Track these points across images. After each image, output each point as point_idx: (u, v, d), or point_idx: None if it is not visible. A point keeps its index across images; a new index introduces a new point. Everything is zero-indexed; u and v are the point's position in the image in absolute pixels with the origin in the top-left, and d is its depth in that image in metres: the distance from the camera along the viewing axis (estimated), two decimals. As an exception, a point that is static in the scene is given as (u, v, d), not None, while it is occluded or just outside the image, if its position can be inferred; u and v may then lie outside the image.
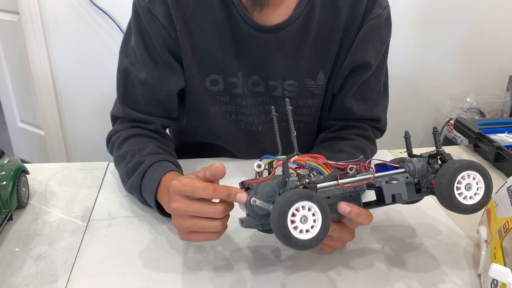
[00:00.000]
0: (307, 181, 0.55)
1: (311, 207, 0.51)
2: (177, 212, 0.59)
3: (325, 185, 0.57)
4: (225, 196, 0.57)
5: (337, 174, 0.58)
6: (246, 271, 0.63)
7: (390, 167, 0.61)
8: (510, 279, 0.51)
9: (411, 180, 0.60)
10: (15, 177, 0.72)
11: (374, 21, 0.81)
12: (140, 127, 0.85)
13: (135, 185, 0.74)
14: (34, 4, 1.89)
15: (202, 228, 0.59)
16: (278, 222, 0.50)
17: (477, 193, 0.58)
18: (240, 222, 0.58)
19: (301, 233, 0.51)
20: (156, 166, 0.74)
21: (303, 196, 0.51)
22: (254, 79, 0.86)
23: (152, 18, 0.79)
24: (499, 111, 2.15)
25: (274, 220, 0.50)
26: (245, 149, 0.94)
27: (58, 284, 0.60)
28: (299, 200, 0.50)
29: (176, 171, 0.74)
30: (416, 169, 0.60)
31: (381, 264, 0.66)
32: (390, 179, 0.59)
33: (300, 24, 0.80)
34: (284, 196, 0.51)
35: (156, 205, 0.72)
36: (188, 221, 0.59)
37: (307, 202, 0.51)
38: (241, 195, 0.56)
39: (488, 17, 2.10)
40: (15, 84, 2.31)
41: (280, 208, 0.50)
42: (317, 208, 0.51)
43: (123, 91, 0.84)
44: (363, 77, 0.85)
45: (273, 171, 0.56)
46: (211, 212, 0.58)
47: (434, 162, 0.61)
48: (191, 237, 0.60)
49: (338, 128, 0.91)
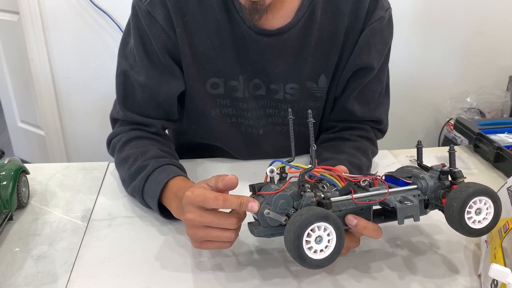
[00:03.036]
0: (322, 196, 0.55)
1: (326, 227, 0.51)
2: (191, 223, 0.59)
3: (339, 199, 0.56)
4: (237, 206, 0.57)
5: (351, 187, 0.57)
6: (249, 271, 0.63)
7: (402, 181, 0.61)
8: (510, 279, 0.51)
9: (422, 197, 0.60)
10: (15, 177, 0.72)
11: (376, 23, 0.81)
12: (141, 129, 0.84)
13: (137, 188, 0.74)
14: (34, 4, 1.89)
15: (215, 238, 0.59)
16: (294, 243, 0.50)
17: (485, 218, 0.58)
18: (249, 229, 0.58)
19: (315, 253, 0.51)
20: (160, 170, 0.74)
21: (320, 217, 0.50)
22: (255, 82, 0.86)
23: (152, 20, 0.78)
24: (499, 111, 2.15)
25: (290, 240, 0.50)
26: (245, 151, 0.94)
27: (58, 284, 0.60)
28: (316, 221, 0.50)
29: (182, 176, 0.74)
30: (428, 187, 0.60)
31: (381, 265, 0.65)
32: (404, 198, 0.58)
33: (302, 27, 0.80)
34: (300, 217, 0.50)
35: (160, 208, 0.72)
36: (202, 231, 0.59)
37: (323, 223, 0.51)
38: (252, 204, 0.56)
39: (488, 17, 2.10)
40: (15, 84, 2.31)
41: (296, 230, 0.50)
42: (333, 228, 0.51)
43: (122, 94, 0.84)
44: (366, 80, 0.85)
45: (287, 181, 0.56)
46: (225, 224, 0.58)
47: (445, 178, 0.61)
48: (204, 246, 0.61)
49: (340, 129, 0.91)
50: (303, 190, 0.54)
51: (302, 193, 0.54)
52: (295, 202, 0.55)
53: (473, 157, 0.99)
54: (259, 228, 0.56)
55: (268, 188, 0.57)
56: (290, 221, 0.52)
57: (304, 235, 0.50)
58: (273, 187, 0.56)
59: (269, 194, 0.55)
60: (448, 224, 0.59)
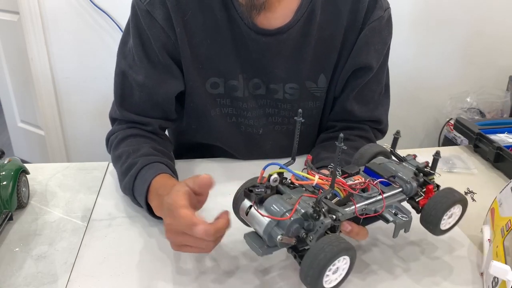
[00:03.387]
0: (334, 218, 0.54)
1: (345, 258, 0.51)
2: (169, 227, 0.58)
3: (347, 212, 0.56)
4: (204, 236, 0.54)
5: (351, 197, 0.57)
6: (247, 271, 0.63)
7: (385, 182, 0.62)
8: (510, 276, 0.51)
9: (405, 199, 0.62)
10: (15, 177, 0.72)
11: (375, 23, 0.81)
12: (137, 127, 0.85)
13: (128, 186, 0.75)
14: (34, 4, 1.89)
15: (193, 244, 0.58)
16: (315, 280, 0.49)
17: (454, 219, 0.63)
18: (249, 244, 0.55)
19: (330, 283, 0.51)
20: (148, 168, 0.74)
21: (343, 251, 0.49)
22: (255, 82, 0.86)
23: (151, 20, 0.78)
24: (499, 111, 2.15)
25: (311, 276, 0.49)
26: (245, 151, 0.94)
27: (58, 284, 0.61)
28: (339, 256, 0.49)
29: (166, 174, 0.73)
30: (412, 189, 0.62)
31: (382, 263, 0.66)
32: (398, 210, 0.59)
33: (301, 27, 0.80)
34: (322, 253, 0.48)
35: (148, 207, 0.72)
36: (180, 237, 0.58)
37: (343, 256, 0.50)
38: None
39: (488, 17, 2.10)
40: (15, 84, 2.31)
41: (321, 268, 0.48)
42: (349, 259, 0.51)
43: (120, 94, 0.84)
44: (365, 79, 0.85)
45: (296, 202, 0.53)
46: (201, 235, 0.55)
47: (419, 175, 0.63)
48: (183, 249, 0.60)
49: (339, 129, 0.91)
50: (319, 215, 0.52)
51: (317, 217, 0.52)
52: (306, 223, 0.53)
53: (473, 157, 0.99)
54: (264, 247, 0.54)
55: (273, 203, 0.54)
56: (311, 255, 0.49)
57: (326, 272, 0.49)
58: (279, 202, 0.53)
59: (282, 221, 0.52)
60: (420, 222, 0.62)
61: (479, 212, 0.75)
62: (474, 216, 0.76)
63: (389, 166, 0.65)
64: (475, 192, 0.84)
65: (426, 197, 0.62)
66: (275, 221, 0.52)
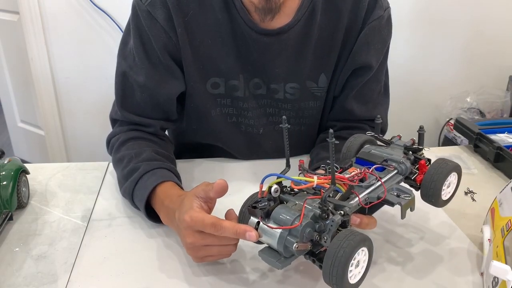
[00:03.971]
0: (342, 213, 0.53)
1: (363, 250, 0.50)
2: (192, 246, 0.60)
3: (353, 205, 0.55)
4: (232, 234, 0.56)
5: (353, 189, 0.57)
6: (246, 271, 0.63)
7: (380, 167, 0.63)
8: (510, 276, 0.51)
9: (402, 180, 0.63)
10: (15, 177, 0.72)
11: (375, 22, 0.81)
12: (139, 129, 0.85)
13: (127, 191, 0.75)
14: (34, 4, 1.89)
15: (216, 253, 0.61)
16: (340, 278, 0.48)
17: (452, 188, 0.65)
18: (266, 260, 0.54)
19: (354, 278, 0.50)
20: (150, 174, 0.74)
21: (361, 243, 0.49)
22: (255, 82, 0.86)
23: (152, 21, 0.78)
24: (499, 111, 2.15)
25: (336, 276, 0.48)
26: (246, 151, 0.94)
27: (58, 284, 0.61)
28: (358, 248, 0.49)
29: (171, 181, 0.73)
30: (407, 169, 0.63)
31: (382, 263, 0.66)
32: (399, 191, 0.60)
33: (302, 27, 0.80)
34: (344, 250, 0.48)
35: (147, 212, 0.72)
36: (203, 251, 0.60)
37: (361, 248, 0.50)
38: (250, 234, 0.54)
39: (488, 17, 2.10)
40: (15, 84, 2.31)
41: (344, 265, 0.48)
42: (367, 249, 0.51)
43: (121, 95, 0.84)
44: (364, 79, 0.85)
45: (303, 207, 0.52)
46: (224, 241, 0.59)
47: (409, 153, 0.65)
48: (205, 260, 0.62)
49: (339, 128, 0.91)
50: (327, 214, 0.52)
51: (326, 216, 0.52)
52: (317, 224, 0.53)
53: (473, 157, 0.99)
54: (281, 259, 0.53)
55: (279, 214, 0.53)
56: (331, 254, 0.49)
57: (349, 267, 0.48)
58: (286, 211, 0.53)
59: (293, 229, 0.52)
60: (422, 198, 0.63)
61: (479, 212, 0.75)
62: (474, 216, 0.76)
63: (379, 152, 0.66)
64: (475, 192, 0.84)
65: (420, 172, 0.64)
66: (287, 230, 0.52)
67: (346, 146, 0.70)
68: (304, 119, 0.91)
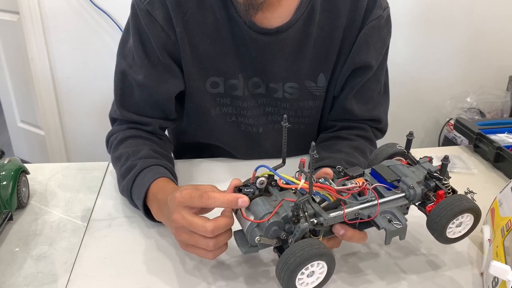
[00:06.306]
0: (315, 222, 0.54)
1: (319, 263, 0.51)
2: (175, 224, 0.59)
3: (331, 217, 0.55)
4: (224, 204, 0.56)
5: (341, 202, 0.57)
6: (244, 271, 0.63)
7: (390, 185, 0.60)
8: (510, 276, 0.51)
9: (408, 205, 0.60)
10: (15, 177, 0.72)
11: (375, 22, 0.81)
12: (137, 128, 0.85)
13: (125, 188, 0.75)
14: (34, 4, 1.89)
15: (194, 243, 0.59)
16: (287, 284, 0.50)
17: (465, 228, 0.60)
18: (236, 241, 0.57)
19: (306, 286, 0.52)
20: (147, 171, 0.74)
21: (314, 256, 0.50)
22: (254, 81, 0.86)
23: (151, 20, 0.78)
24: (499, 111, 2.15)
25: (282, 279, 0.50)
26: (245, 150, 0.94)
27: (58, 284, 0.61)
28: (311, 261, 0.50)
29: (166, 178, 0.73)
30: (416, 195, 0.59)
31: (381, 264, 0.66)
32: (393, 216, 0.57)
33: (301, 26, 0.80)
34: (294, 257, 0.49)
35: (145, 210, 0.72)
36: (185, 234, 0.59)
37: (317, 261, 0.50)
38: (242, 199, 0.55)
39: (488, 17, 2.10)
40: (15, 84, 2.31)
41: (290, 272, 0.49)
42: (325, 263, 0.51)
43: (120, 94, 0.84)
44: (364, 78, 0.85)
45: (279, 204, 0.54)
46: (199, 230, 0.57)
47: (431, 179, 0.61)
48: (188, 249, 0.61)
49: (339, 128, 0.91)
50: (297, 219, 0.53)
51: (296, 221, 0.53)
52: (287, 225, 0.54)
53: (473, 157, 0.99)
54: (247, 246, 0.56)
55: (257, 205, 0.55)
56: (284, 260, 0.50)
57: (297, 275, 0.50)
58: (263, 204, 0.54)
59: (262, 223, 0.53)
60: (427, 228, 0.60)
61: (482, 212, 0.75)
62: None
63: (397, 169, 0.62)
64: (475, 192, 0.84)
65: (436, 202, 0.60)
66: (255, 223, 0.54)
67: (375, 153, 0.69)
68: (303, 118, 0.91)
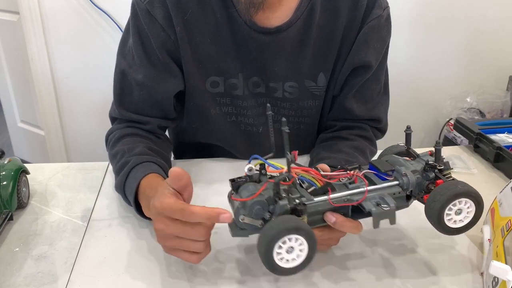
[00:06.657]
0: (297, 202, 0.54)
1: (297, 238, 0.51)
2: (160, 233, 0.58)
3: (315, 201, 0.56)
4: (204, 219, 0.55)
5: (329, 187, 0.57)
6: (242, 271, 0.63)
7: (382, 176, 0.60)
8: (510, 276, 0.51)
9: (403, 194, 0.59)
10: (15, 177, 0.72)
11: (374, 21, 0.81)
12: (136, 127, 0.85)
13: (119, 185, 0.74)
14: (34, 4, 1.89)
15: (185, 248, 0.58)
16: (265, 256, 0.50)
17: (466, 216, 0.58)
18: (229, 230, 0.58)
19: (287, 262, 0.52)
20: (139, 167, 0.73)
21: (290, 229, 0.50)
22: (254, 80, 0.86)
23: (151, 19, 0.78)
24: (499, 111, 2.15)
25: (260, 252, 0.51)
26: (246, 150, 0.94)
27: (58, 284, 0.61)
28: (286, 234, 0.50)
29: (156, 174, 0.73)
30: (410, 183, 0.59)
31: (381, 264, 0.66)
32: (381, 200, 0.57)
33: (301, 25, 0.80)
34: (271, 230, 0.50)
35: (138, 206, 0.72)
36: (171, 241, 0.58)
37: (294, 235, 0.50)
38: (224, 216, 0.55)
39: (488, 17, 2.10)
40: (15, 84, 2.31)
41: (267, 244, 0.50)
42: (304, 239, 0.51)
43: (119, 93, 0.84)
44: (364, 78, 0.85)
45: (264, 184, 0.55)
46: (193, 235, 0.57)
47: (430, 170, 0.60)
48: (173, 254, 0.60)
49: (339, 128, 0.91)
50: (277, 198, 0.54)
51: (277, 200, 0.54)
52: (271, 206, 0.54)
53: (473, 157, 0.99)
54: (236, 229, 0.57)
55: (245, 189, 0.56)
56: (262, 232, 0.51)
57: (274, 248, 0.50)
58: (251, 188, 0.55)
59: (246, 201, 0.54)
60: (427, 219, 0.59)
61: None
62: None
63: (394, 161, 0.63)
64: (475, 192, 0.84)
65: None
66: (241, 203, 0.55)
67: (382, 154, 0.69)
68: (303, 118, 0.91)
